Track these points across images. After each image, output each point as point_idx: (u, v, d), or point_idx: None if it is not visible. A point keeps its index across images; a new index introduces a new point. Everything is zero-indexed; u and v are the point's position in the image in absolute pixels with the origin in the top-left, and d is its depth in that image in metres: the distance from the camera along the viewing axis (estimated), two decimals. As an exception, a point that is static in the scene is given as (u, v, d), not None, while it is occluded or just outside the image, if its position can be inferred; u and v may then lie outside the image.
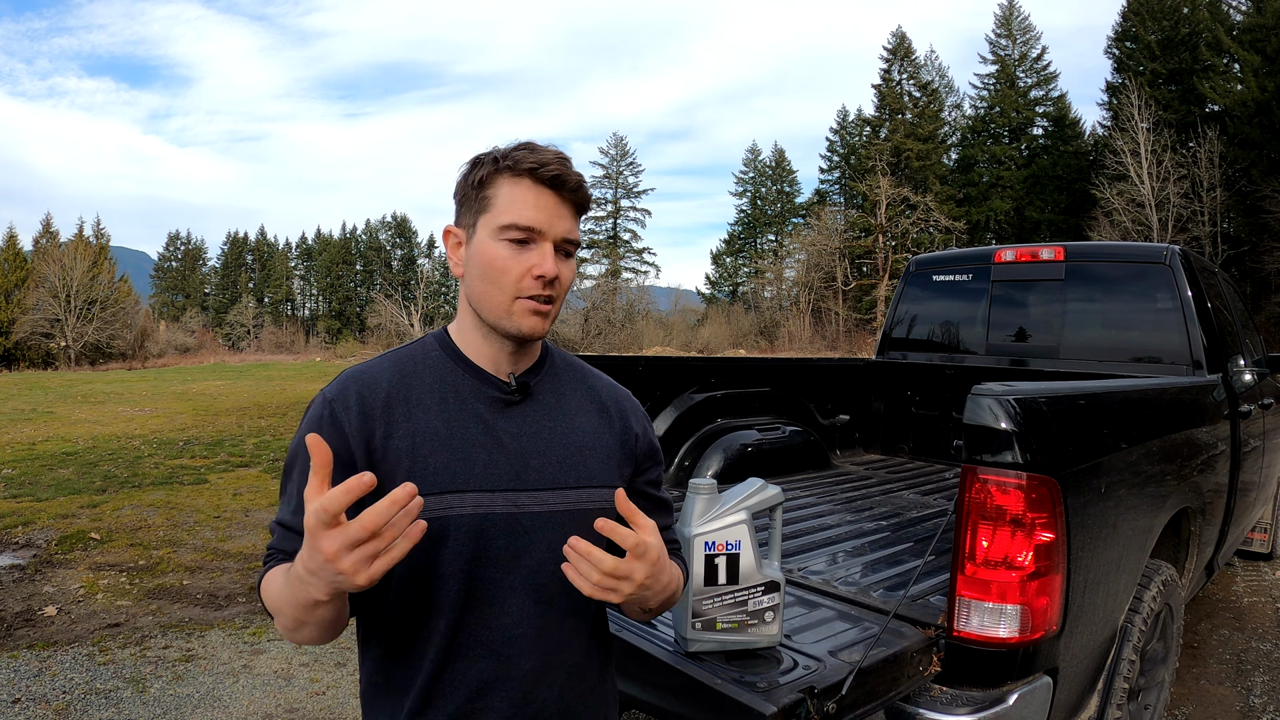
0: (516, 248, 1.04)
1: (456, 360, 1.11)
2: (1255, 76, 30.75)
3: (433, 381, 1.09)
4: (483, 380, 1.10)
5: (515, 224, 1.04)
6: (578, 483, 1.11)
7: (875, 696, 1.60)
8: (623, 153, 57.30)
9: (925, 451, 4.51)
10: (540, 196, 1.04)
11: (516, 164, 1.04)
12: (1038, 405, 1.79)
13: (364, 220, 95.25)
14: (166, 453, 9.83)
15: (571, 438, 1.13)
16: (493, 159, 1.06)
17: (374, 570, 0.82)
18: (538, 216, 1.04)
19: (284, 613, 0.96)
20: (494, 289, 1.05)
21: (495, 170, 1.05)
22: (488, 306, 1.07)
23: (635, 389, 3.70)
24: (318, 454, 0.83)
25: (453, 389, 1.09)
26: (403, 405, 1.06)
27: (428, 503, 1.00)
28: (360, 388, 1.06)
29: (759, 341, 43.54)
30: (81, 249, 43.76)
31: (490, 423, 1.08)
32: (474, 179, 1.07)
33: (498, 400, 1.10)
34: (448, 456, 1.04)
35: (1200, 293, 3.53)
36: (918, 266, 4.75)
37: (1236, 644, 3.85)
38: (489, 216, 1.06)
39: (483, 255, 1.06)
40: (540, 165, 1.03)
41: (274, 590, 0.98)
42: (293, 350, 53.34)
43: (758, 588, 1.61)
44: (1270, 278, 30.26)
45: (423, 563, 1.03)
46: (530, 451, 1.09)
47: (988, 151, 43.08)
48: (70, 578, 4.84)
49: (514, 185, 1.05)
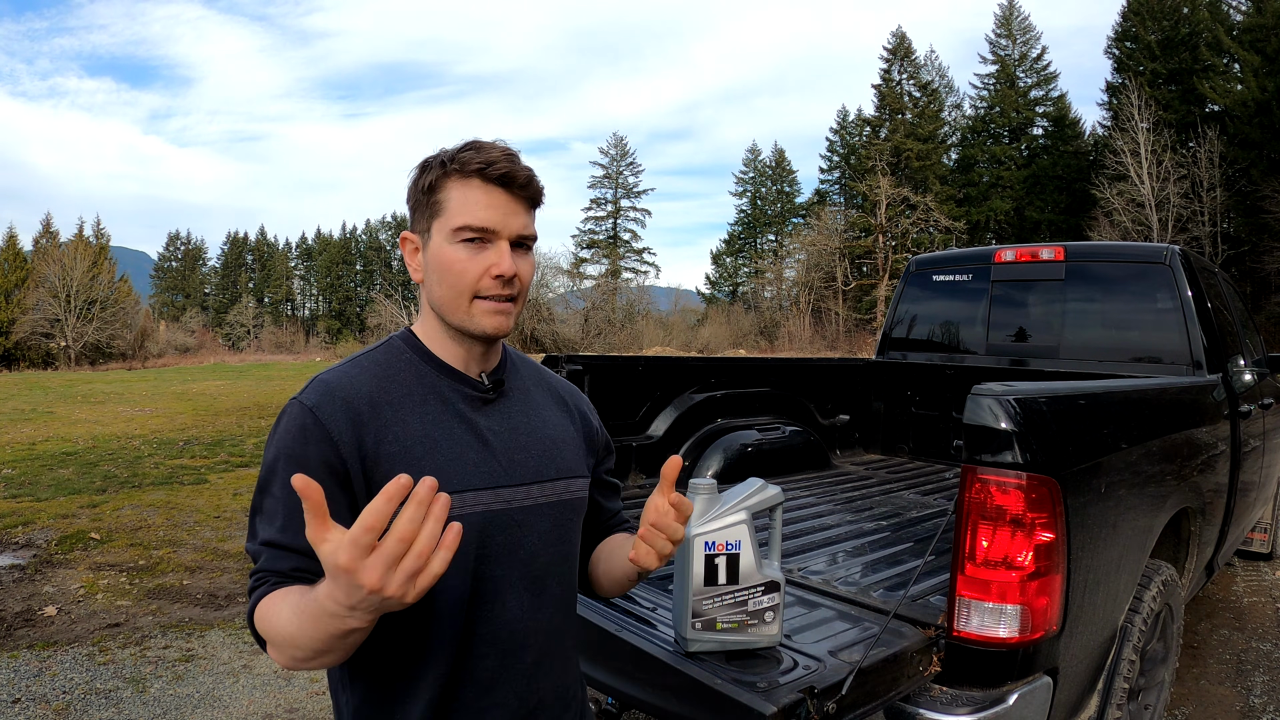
0: (472, 248, 1.04)
1: (429, 361, 1.10)
2: (1255, 76, 30.75)
3: (412, 384, 1.07)
4: (458, 380, 1.10)
5: (469, 225, 1.04)
6: (557, 474, 1.14)
7: (875, 696, 1.59)
8: (623, 153, 57.34)
9: (925, 451, 4.50)
10: (491, 195, 1.04)
11: (464, 165, 1.04)
12: (1038, 405, 1.79)
13: (364, 220, 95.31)
14: (166, 453, 9.83)
15: (545, 431, 1.16)
16: (440, 162, 1.06)
17: (420, 586, 0.75)
18: (490, 216, 1.04)
19: (302, 645, 0.86)
20: (453, 292, 1.05)
21: (444, 173, 1.05)
22: (449, 310, 1.07)
23: (635, 389, 3.70)
24: (311, 495, 0.72)
25: (433, 390, 1.08)
26: (389, 409, 1.03)
27: None
28: (343, 393, 1.02)
29: (759, 341, 43.55)
30: (81, 249, 43.77)
31: (473, 421, 1.08)
32: (424, 184, 1.06)
33: (475, 399, 1.10)
34: (442, 458, 1.03)
35: (1200, 293, 3.53)
36: (918, 266, 4.75)
37: (1236, 644, 3.85)
38: (442, 220, 1.05)
39: (439, 259, 1.06)
40: (488, 164, 1.03)
41: (283, 623, 0.88)
42: (293, 350, 53.35)
43: (758, 588, 1.61)
44: (1270, 278, 30.27)
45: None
46: (513, 447, 1.10)
47: (988, 151, 43.08)
48: (70, 578, 4.84)
49: (464, 187, 1.04)
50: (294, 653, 0.88)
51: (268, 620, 0.91)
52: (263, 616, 0.93)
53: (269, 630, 0.91)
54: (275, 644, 0.91)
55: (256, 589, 0.96)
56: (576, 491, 1.17)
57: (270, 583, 0.95)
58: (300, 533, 0.86)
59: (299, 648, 0.87)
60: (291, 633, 0.86)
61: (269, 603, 0.92)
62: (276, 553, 0.97)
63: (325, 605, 0.79)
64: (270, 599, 0.93)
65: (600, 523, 1.31)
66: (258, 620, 0.94)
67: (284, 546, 0.96)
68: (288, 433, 1.00)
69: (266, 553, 0.97)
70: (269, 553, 0.97)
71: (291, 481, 0.73)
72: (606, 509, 1.33)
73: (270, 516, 0.98)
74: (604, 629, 1.82)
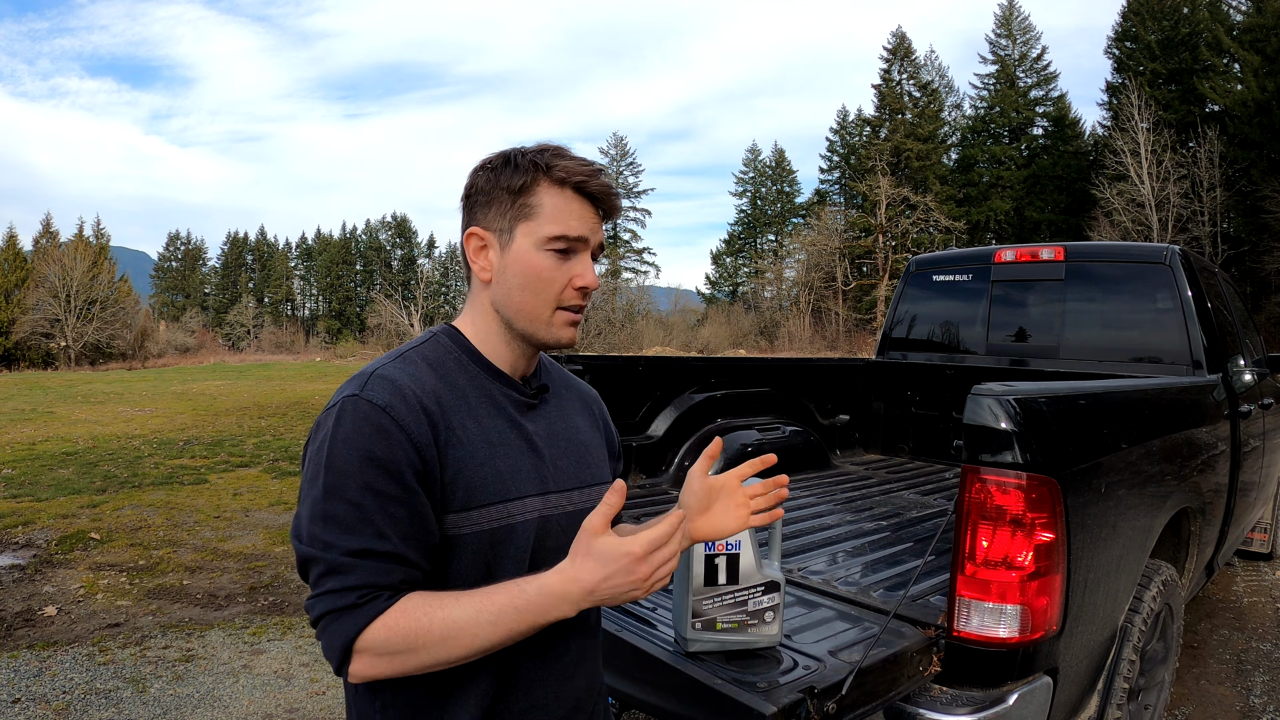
0: (559, 258, 1.03)
1: (477, 363, 1.08)
2: (1255, 76, 30.75)
3: (465, 385, 1.05)
4: (505, 384, 1.09)
5: (564, 235, 1.03)
6: (592, 480, 1.14)
7: (875, 696, 1.59)
8: (623, 153, 57.34)
9: (925, 451, 4.50)
10: (584, 208, 1.04)
11: (568, 175, 1.02)
12: (1038, 405, 1.79)
13: (364, 220, 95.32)
14: (166, 453, 9.83)
15: (579, 437, 1.16)
16: (532, 164, 1.03)
17: (654, 588, 0.93)
18: (583, 227, 1.04)
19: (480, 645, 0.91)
20: (537, 300, 1.04)
21: (537, 177, 1.03)
22: (526, 316, 1.05)
23: (635, 389, 3.70)
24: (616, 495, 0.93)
25: (484, 393, 1.06)
26: (452, 411, 1.00)
27: (494, 510, 0.99)
28: (412, 391, 0.98)
29: (759, 341, 43.55)
30: (81, 249, 43.77)
31: (522, 426, 1.07)
32: (512, 184, 1.03)
33: (522, 403, 1.09)
34: (502, 464, 1.02)
35: (1200, 293, 3.53)
36: (918, 266, 4.75)
37: (1236, 644, 3.85)
38: (532, 225, 1.03)
39: (525, 264, 1.03)
40: (587, 178, 1.03)
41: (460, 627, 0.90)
42: (293, 350, 53.37)
43: (758, 588, 1.61)
44: (1270, 278, 30.27)
45: (482, 575, 0.99)
46: (556, 453, 1.10)
47: (988, 151, 43.08)
48: (70, 578, 4.84)
49: (559, 195, 1.03)
50: (446, 655, 0.90)
51: (414, 632, 0.89)
52: (400, 630, 0.89)
53: (418, 641, 0.89)
54: (418, 650, 0.90)
55: (364, 606, 0.90)
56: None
57: (385, 596, 0.91)
58: (406, 540, 0.93)
59: (470, 647, 0.91)
60: (475, 631, 0.90)
61: (405, 614, 0.90)
62: (377, 563, 0.91)
63: (557, 591, 0.91)
64: (406, 611, 0.90)
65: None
66: (384, 634, 0.90)
67: (385, 555, 0.91)
68: (361, 433, 0.93)
69: (363, 565, 0.90)
70: (367, 564, 0.90)
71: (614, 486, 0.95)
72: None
73: (353, 525, 0.91)
74: (604, 629, 1.82)
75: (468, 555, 0.98)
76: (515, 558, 1.01)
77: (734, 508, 1.16)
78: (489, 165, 1.07)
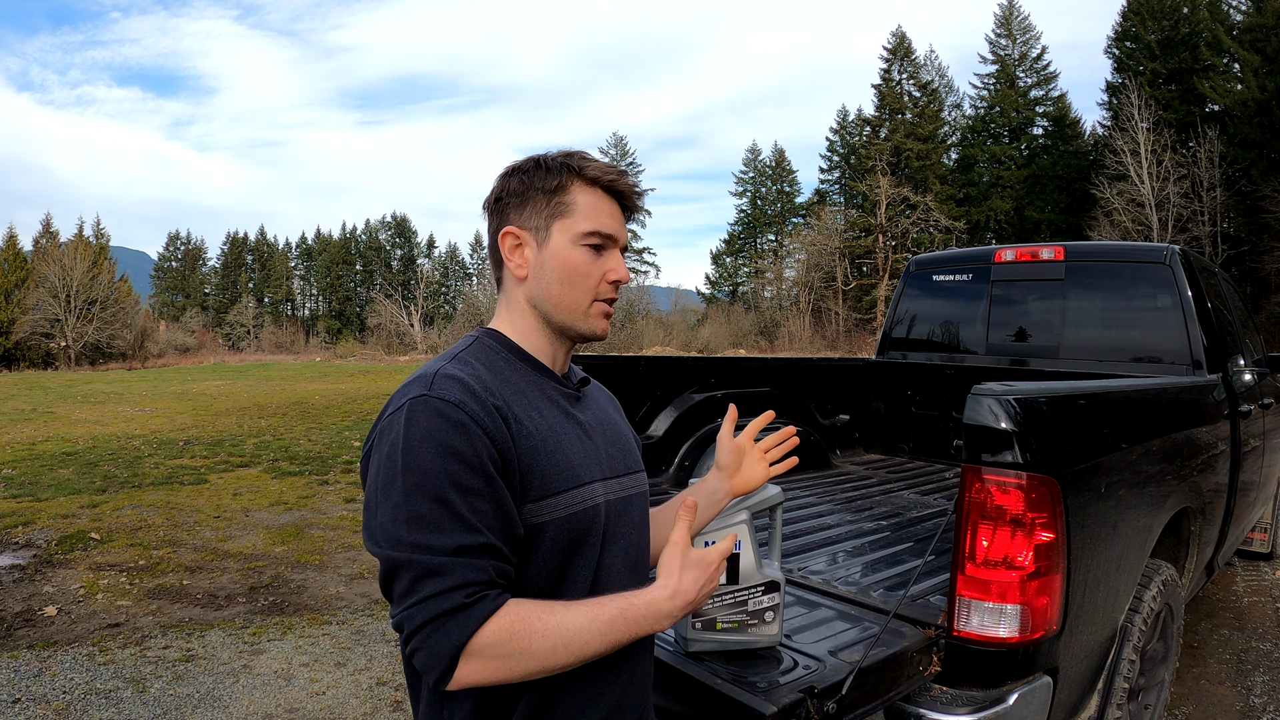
0: (594, 254, 1.09)
1: (524, 360, 1.11)
2: (1255, 76, 30.75)
3: (520, 382, 1.08)
4: (550, 377, 1.13)
5: (598, 231, 1.09)
6: (637, 467, 1.21)
7: (875, 696, 1.59)
8: (623, 153, 57.30)
9: (925, 451, 4.50)
10: (613, 206, 1.11)
11: (599, 175, 1.09)
12: (1038, 405, 1.79)
13: (364, 220, 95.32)
14: (166, 453, 9.83)
15: (619, 428, 1.23)
16: (564, 166, 1.09)
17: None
18: (614, 224, 1.11)
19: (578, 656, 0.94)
20: (575, 293, 1.09)
21: (571, 177, 1.09)
22: (565, 309, 1.10)
23: (635, 389, 3.70)
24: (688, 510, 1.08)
25: (535, 386, 1.09)
26: (517, 405, 1.03)
27: (569, 496, 1.02)
28: (478, 386, 1.00)
29: (759, 341, 43.54)
30: (81, 249, 43.76)
31: (575, 416, 1.11)
32: (547, 185, 1.09)
33: (570, 395, 1.14)
34: (569, 451, 1.05)
35: (1200, 293, 3.53)
36: (918, 266, 4.75)
37: (1236, 644, 3.85)
38: (568, 222, 1.08)
39: (563, 260, 1.08)
40: (616, 178, 1.11)
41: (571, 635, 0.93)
42: (293, 350, 53.35)
43: (758, 588, 1.61)
44: (1270, 278, 30.26)
45: (560, 561, 1.03)
46: (605, 441, 1.15)
47: (988, 151, 43.08)
48: (70, 578, 4.84)
49: (591, 194, 1.09)
50: (555, 661, 0.93)
51: (527, 635, 0.91)
52: (512, 633, 0.90)
53: (530, 645, 0.91)
54: (527, 656, 0.91)
55: (470, 605, 0.89)
56: (643, 485, 1.23)
57: (491, 595, 0.91)
58: (495, 533, 0.94)
59: (578, 654, 0.94)
60: (585, 639, 0.94)
61: (518, 617, 0.91)
62: (473, 560, 0.91)
63: (663, 608, 1.00)
64: (519, 614, 0.92)
65: None
66: (497, 636, 0.90)
67: (480, 549, 0.91)
68: (439, 430, 0.93)
69: (460, 563, 0.90)
70: (463, 563, 0.90)
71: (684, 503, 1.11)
72: None
73: (443, 523, 0.91)
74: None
75: (548, 543, 1.00)
76: (591, 543, 1.05)
77: (756, 462, 1.38)
78: (520, 169, 1.12)
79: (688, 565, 1.02)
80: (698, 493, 1.35)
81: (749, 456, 1.38)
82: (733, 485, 1.36)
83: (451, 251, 66.53)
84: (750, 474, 1.37)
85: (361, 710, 3.19)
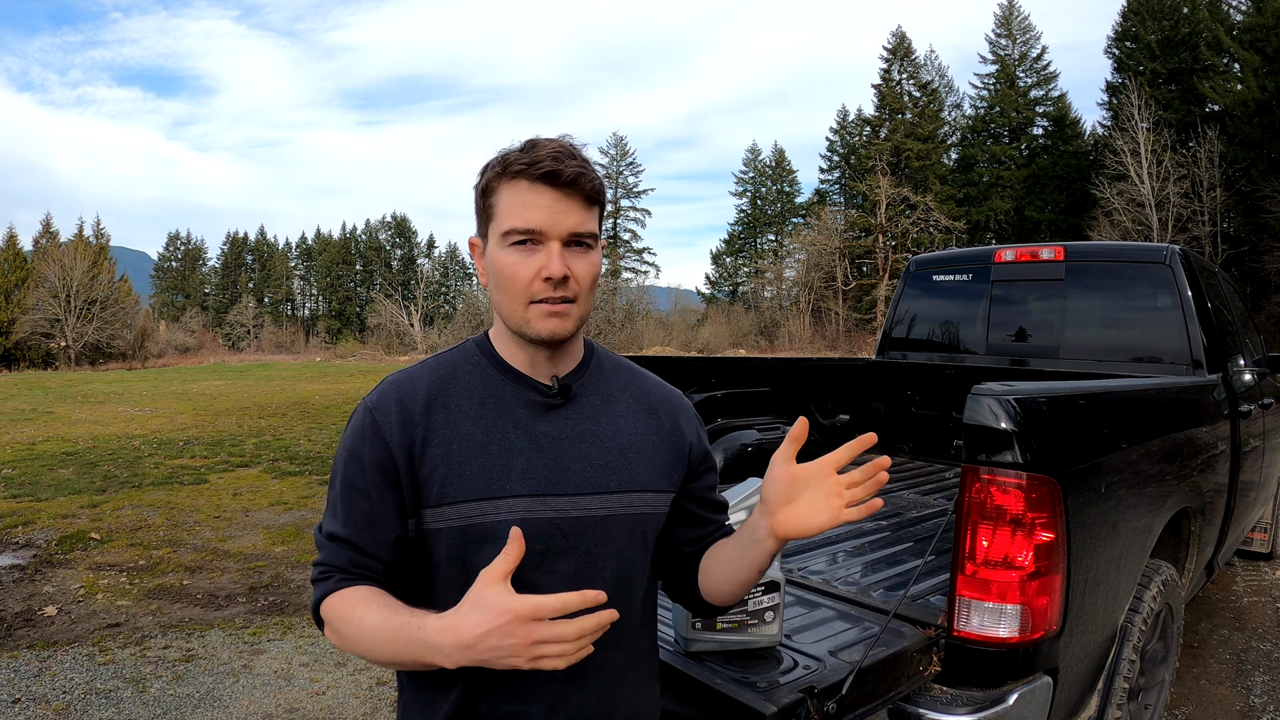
0: (524, 251, 1.02)
1: (495, 365, 1.10)
2: (1255, 76, 30.74)
3: (472, 386, 1.08)
4: (522, 384, 1.09)
5: (515, 229, 1.02)
6: (620, 486, 1.08)
7: (875, 696, 1.59)
8: (623, 153, 57.31)
9: (925, 451, 4.50)
10: (539, 195, 1.01)
11: (510, 166, 1.02)
12: (1038, 405, 1.79)
13: (364, 220, 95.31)
14: (166, 453, 9.83)
15: (615, 440, 1.11)
16: (492, 165, 1.05)
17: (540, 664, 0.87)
18: (535, 217, 1.01)
19: (377, 657, 0.97)
20: (508, 297, 1.05)
21: (495, 175, 1.04)
22: (507, 314, 1.07)
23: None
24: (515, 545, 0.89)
25: (492, 393, 1.08)
26: (442, 411, 1.05)
27: (465, 509, 1.02)
28: (400, 394, 1.06)
29: (759, 341, 43.54)
30: (81, 249, 43.75)
31: (529, 427, 1.06)
32: (480, 188, 1.07)
33: (538, 404, 1.08)
34: (484, 463, 1.03)
35: (1200, 293, 3.53)
36: (918, 266, 4.75)
37: (1236, 644, 3.85)
38: (495, 224, 1.05)
39: (495, 264, 1.05)
40: (532, 164, 1.00)
41: (365, 632, 0.97)
42: (293, 350, 53.35)
43: (758, 588, 1.61)
44: (1270, 278, 30.26)
45: (460, 570, 1.02)
46: (570, 455, 1.07)
47: (988, 151, 43.07)
48: (70, 578, 4.84)
49: (511, 189, 1.02)
50: (367, 655, 0.98)
51: (343, 620, 0.99)
52: (336, 615, 1.00)
53: (343, 628, 0.99)
54: (348, 643, 0.99)
55: (321, 580, 1.04)
56: (647, 506, 1.11)
57: (335, 578, 1.03)
58: (355, 527, 1.04)
59: (376, 654, 0.97)
60: (372, 644, 0.96)
61: (343, 602, 1.00)
62: (337, 547, 1.04)
63: (433, 640, 0.89)
64: (345, 599, 1.00)
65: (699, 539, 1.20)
66: (328, 615, 1.02)
67: (341, 539, 1.03)
68: (350, 432, 1.07)
69: (330, 547, 1.04)
70: (330, 546, 1.04)
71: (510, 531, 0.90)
72: (709, 522, 1.21)
73: (332, 510, 1.06)
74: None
75: (442, 549, 1.04)
76: (487, 556, 0.96)
77: (823, 498, 1.02)
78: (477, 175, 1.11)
79: (475, 603, 0.87)
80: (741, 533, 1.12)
81: (814, 490, 1.03)
82: (776, 525, 1.03)
83: (451, 251, 66.58)
84: (810, 516, 1.02)
85: (361, 710, 3.19)
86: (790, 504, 1.03)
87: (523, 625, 0.84)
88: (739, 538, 1.12)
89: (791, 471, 1.04)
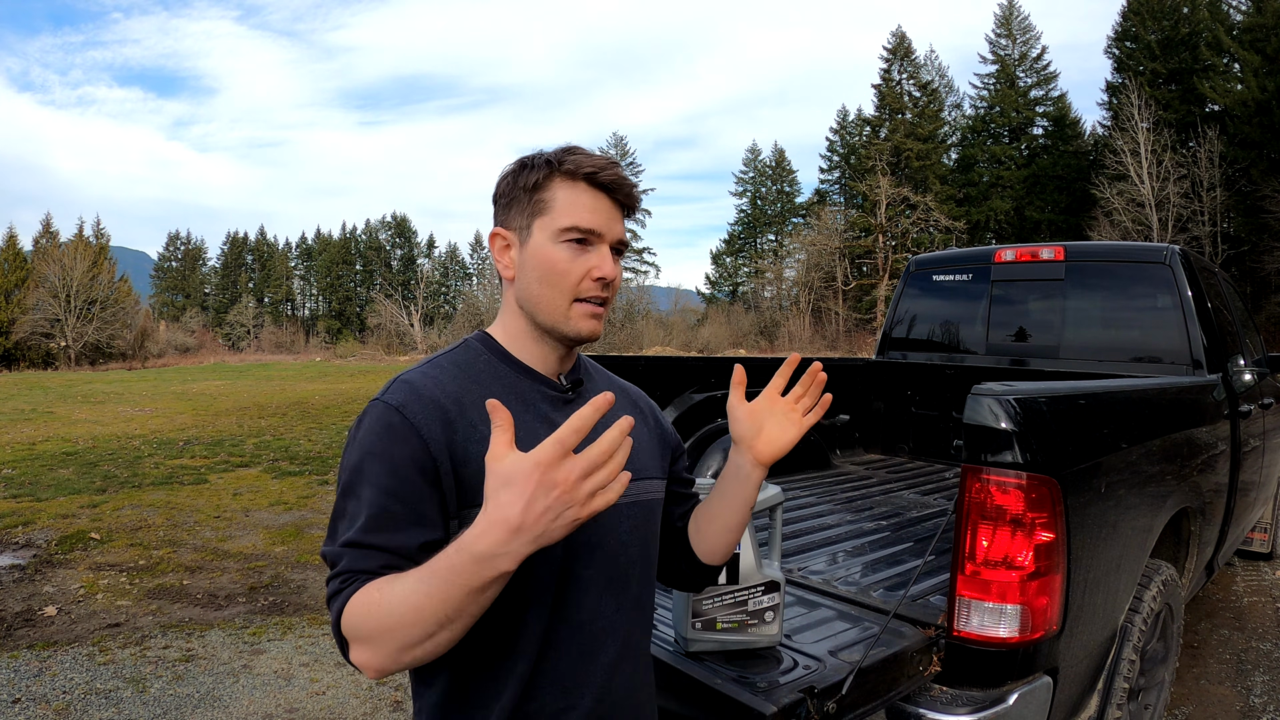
0: (576, 249, 1.05)
1: (507, 361, 1.10)
2: (1255, 76, 30.74)
3: (491, 384, 1.07)
4: (538, 381, 1.10)
5: (577, 226, 1.04)
6: (635, 475, 1.12)
7: (875, 696, 1.59)
8: (622, 153, 57.29)
9: (925, 451, 4.50)
10: (597, 199, 1.06)
11: (577, 168, 1.05)
12: (1038, 405, 1.79)
13: (364, 220, 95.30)
14: (166, 453, 9.83)
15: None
16: (546, 162, 1.06)
17: (595, 506, 0.79)
18: (596, 219, 1.05)
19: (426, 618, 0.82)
20: (553, 292, 1.05)
21: (550, 173, 1.06)
22: (545, 309, 1.06)
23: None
24: (499, 415, 0.79)
25: (512, 391, 1.07)
26: (474, 409, 1.02)
27: None
28: (430, 392, 1.01)
29: (759, 341, 43.54)
30: (81, 249, 43.77)
31: (555, 421, 1.07)
32: (527, 182, 1.07)
33: (556, 399, 1.10)
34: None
35: (1200, 293, 3.53)
36: (918, 266, 4.75)
37: (1236, 644, 3.85)
38: (547, 219, 1.05)
39: (542, 258, 1.05)
40: (598, 169, 1.05)
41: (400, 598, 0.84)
42: (293, 350, 53.37)
43: (758, 588, 1.61)
44: (1270, 278, 30.26)
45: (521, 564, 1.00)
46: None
47: (988, 151, 43.07)
48: (70, 578, 4.84)
49: (571, 188, 1.05)
50: (406, 636, 0.84)
51: (371, 609, 0.86)
52: (361, 610, 0.87)
53: (372, 621, 0.86)
54: (381, 634, 0.86)
55: (343, 591, 0.90)
56: (652, 493, 1.17)
57: (360, 581, 0.90)
58: (388, 530, 0.93)
59: (420, 624, 0.83)
60: (416, 603, 0.82)
61: (369, 594, 0.87)
62: (361, 552, 0.92)
63: (480, 549, 0.79)
64: (370, 589, 0.88)
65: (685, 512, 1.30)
66: (351, 618, 0.88)
67: (370, 545, 0.92)
68: (372, 433, 0.98)
69: (352, 554, 0.92)
70: (351, 553, 0.92)
71: (486, 404, 0.80)
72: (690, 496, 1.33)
73: (351, 519, 0.94)
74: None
75: None
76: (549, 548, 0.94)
77: (783, 417, 1.17)
78: (509, 170, 1.11)
79: (499, 484, 0.79)
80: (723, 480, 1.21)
81: (772, 417, 1.16)
82: (756, 454, 1.15)
83: (451, 251, 66.55)
84: (775, 435, 1.15)
85: (361, 710, 3.19)
86: (760, 434, 1.16)
87: (556, 469, 0.77)
88: (722, 485, 1.20)
89: (748, 408, 1.17)
